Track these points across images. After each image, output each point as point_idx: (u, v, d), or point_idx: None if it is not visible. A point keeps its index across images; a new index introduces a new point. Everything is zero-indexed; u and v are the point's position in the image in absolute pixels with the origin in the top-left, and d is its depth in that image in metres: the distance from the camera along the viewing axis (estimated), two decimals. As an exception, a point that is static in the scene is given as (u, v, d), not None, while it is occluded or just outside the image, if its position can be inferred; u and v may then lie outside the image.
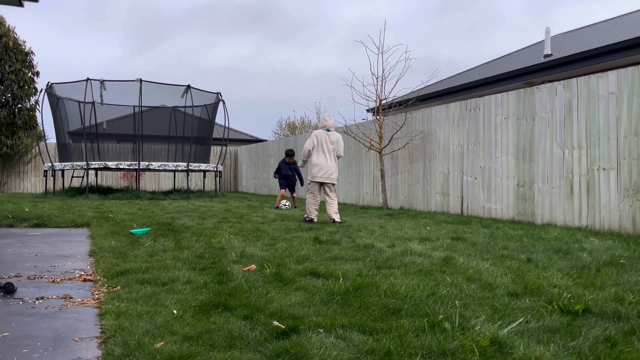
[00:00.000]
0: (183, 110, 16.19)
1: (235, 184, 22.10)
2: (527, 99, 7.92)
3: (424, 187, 10.21)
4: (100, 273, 3.74)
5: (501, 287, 3.31)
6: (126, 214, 8.60)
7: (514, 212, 8.04)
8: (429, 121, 10.08)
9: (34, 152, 18.86)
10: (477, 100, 9.00)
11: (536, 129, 7.72)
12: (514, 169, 8.10)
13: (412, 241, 5.43)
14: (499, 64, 15.93)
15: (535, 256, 4.47)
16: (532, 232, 6.19)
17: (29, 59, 14.95)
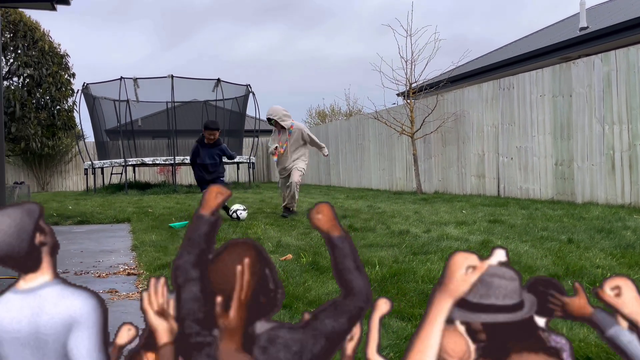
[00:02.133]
0: (214, 104, 16.39)
1: (267, 174, 22.30)
2: (563, 75, 7.67)
3: (458, 170, 10.06)
4: (143, 267, 3.86)
5: (541, 269, 3.25)
6: (164, 208, 8.81)
7: (552, 192, 7.85)
8: (461, 102, 9.90)
9: (74, 151, 19.47)
10: (511, 78, 8.78)
11: (574, 105, 7.48)
12: (551, 147, 7.89)
13: (448, 225, 5.38)
14: (532, 40, 15.46)
15: (577, 236, 4.37)
16: (572, 212, 6.04)
17: (64, 62, 15.39)
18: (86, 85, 15.40)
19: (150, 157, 15.38)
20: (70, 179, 20.30)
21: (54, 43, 15.36)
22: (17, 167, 18.75)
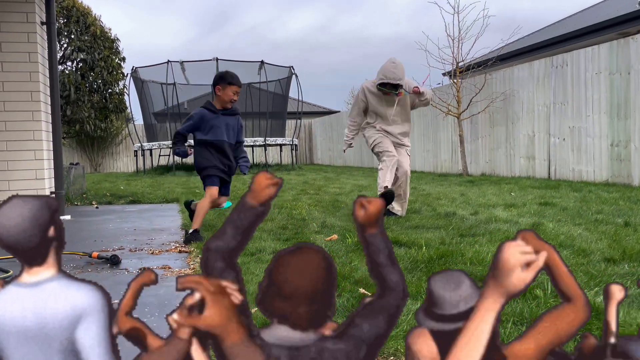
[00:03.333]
0: (258, 86, 16.51)
1: (310, 156, 22.39)
2: (620, 51, 7.29)
3: (506, 151, 9.79)
4: (193, 245, 3.97)
5: (596, 252, 3.14)
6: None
7: (607, 174, 7.53)
8: (510, 81, 9.58)
9: (124, 133, 20.13)
10: (564, 55, 8.41)
11: (632, 83, 7.11)
12: (607, 127, 7.54)
13: (496, 208, 5.26)
14: (587, 15, 14.72)
15: (634, 220, 4.19)
16: (628, 195, 5.78)
17: (115, 46, 15.83)
18: (135, 69, 15.81)
19: (197, 139, 15.69)
20: (120, 161, 21.05)
21: (105, 28, 15.81)
22: (71, 149, 19.58)
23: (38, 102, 5.69)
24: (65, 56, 15.25)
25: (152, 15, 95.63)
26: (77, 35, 15.12)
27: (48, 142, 5.85)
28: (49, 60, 5.77)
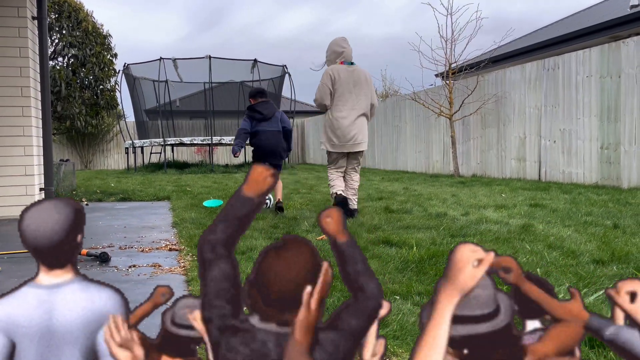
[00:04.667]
0: (251, 84, 16.46)
1: (302, 155, 22.37)
2: (611, 55, 7.35)
3: (498, 152, 9.85)
4: (184, 243, 3.96)
5: (585, 254, 3.17)
6: (202, 187, 8.98)
7: (597, 177, 7.59)
8: (502, 83, 9.63)
9: (115, 130, 19.99)
10: (556, 58, 8.47)
11: (622, 86, 7.17)
12: (597, 130, 7.61)
13: (487, 209, 5.29)
14: (579, 18, 14.83)
15: (623, 222, 4.22)
16: (618, 197, 5.84)
17: (107, 42, 15.73)
18: (127, 65, 15.71)
19: (188, 137, 15.63)
20: (111, 158, 20.90)
21: (97, 24, 15.70)
22: (61, 145, 19.41)
23: (28, 97, 5.63)
24: (57, 52, 15.12)
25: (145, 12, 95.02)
26: (69, 30, 14.99)
27: (38, 138, 5.80)
28: (40, 55, 5.72)
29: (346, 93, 4.85)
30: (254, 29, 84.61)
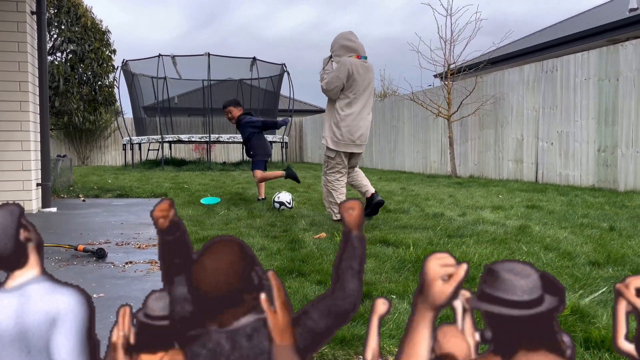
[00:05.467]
0: (249, 82, 16.46)
1: (300, 154, 22.37)
2: (610, 58, 7.37)
3: (495, 154, 9.87)
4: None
5: (581, 256, 3.18)
6: (200, 184, 8.97)
7: (594, 179, 7.62)
8: (501, 85, 9.65)
9: (113, 127, 19.96)
10: (554, 60, 8.49)
11: (620, 89, 7.19)
12: (594, 133, 7.63)
13: (484, 210, 5.30)
14: (578, 21, 14.87)
15: (619, 224, 4.24)
16: (614, 200, 5.85)
17: (106, 38, 15.68)
18: (125, 61, 15.68)
19: (186, 135, 15.62)
20: (109, 154, 20.86)
21: (96, 19, 15.65)
22: (59, 141, 19.37)
23: (26, 92, 5.62)
24: (55, 47, 15.07)
25: (144, 8, 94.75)
26: (68, 26, 14.95)
27: (35, 133, 5.78)
28: (39, 50, 5.70)
29: (361, 90, 4.65)
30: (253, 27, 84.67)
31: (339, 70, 4.56)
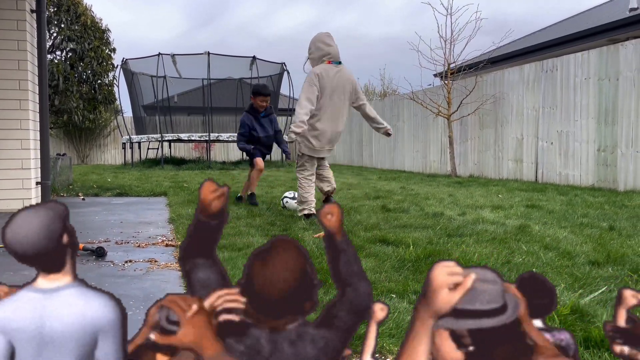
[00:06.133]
0: (249, 81, 16.44)
1: (301, 153, 22.36)
2: (610, 58, 7.37)
3: (495, 153, 9.86)
4: (181, 239, 3.95)
5: (581, 255, 3.18)
6: (199, 183, 8.93)
7: (593, 179, 7.62)
8: (501, 84, 9.65)
9: (112, 125, 19.94)
10: (554, 60, 8.49)
11: (620, 89, 7.19)
12: (594, 132, 7.63)
13: (484, 209, 5.30)
14: (578, 20, 14.86)
15: (619, 224, 4.24)
16: (614, 199, 5.85)
17: (105, 36, 15.66)
18: (125, 60, 15.66)
19: (186, 134, 15.60)
20: (108, 153, 20.85)
21: (96, 18, 15.63)
22: (58, 140, 19.35)
23: (26, 91, 5.61)
24: (55, 45, 15.05)
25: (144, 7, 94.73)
26: (67, 24, 14.93)
27: (35, 132, 5.78)
28: (38, 49, 5.69)
29: (328, 95, 4.61)
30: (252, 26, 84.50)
31: (308, 81, 4.58)
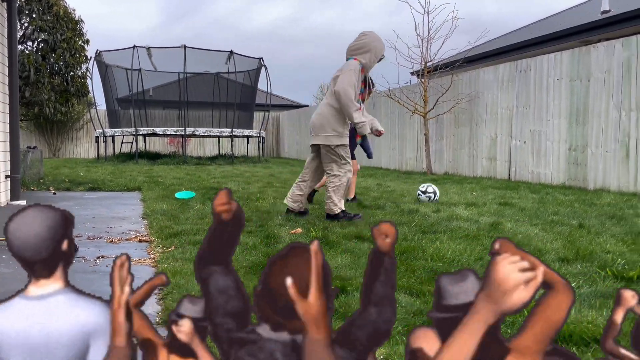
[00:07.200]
0: (226, 76, 16.31)
1: (277, 149, 22.30)
2: (582, 59, 7.54)
3: (469, 151, 10.00)
4: (154, 234, 3.91)
5: (551, 252, 3.25)
6: (174, 178, 8.87)
7: (564, 177, 7.79)
8: (476, 83, 9.78)
9: (86, 118, 19.54)
10: (529, 60, 8.64)
11: (591, 90, 7.36)
12: (566, 132, 7.80)
13: (458, 206, 5.37)
14: (552, 22, 15.15)
15: (588, 222, 4.35)
16: (583, 198, 6.00)
17: (79, 27, 15.31)
18: (99, 52, 15.36)
19: (161, 128, 15.40)
20: (81, 146, 20.43)
21: (69, 8, 15.27)
22: (29, 132, 18.88)
23: (-6, 81, 5.45)
24: (26, 36, 14.66)
25: None
26: (39, 14, 14.55)
27: (4, 124, 5.62)
28: (9, 39, 5.53)
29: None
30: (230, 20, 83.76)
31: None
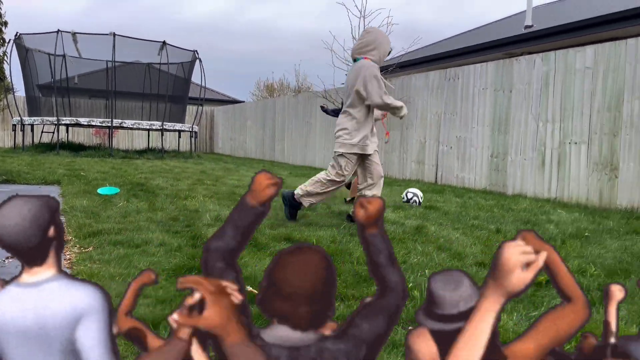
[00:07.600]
0: (158, 67, 15.76)
1: (210, 145, 21.86)
2: (505, 70, 7.95)
3: (400, 154, 10.28)
4: (72, 233, 3.70)
5: (470, 256, 3.40)
6: (98, 172, 8.46)
7: (486, 182, 8.20)
8: (408, 89, 10.06)
9: (2, 105, 18.20)
10: (457, 69, 9.00)
11: (513, 100, 7.79)
12: (488, 139, 8.20)
13: (386, 209, 5.50)
14: (480, 33, 15.89)
15: (504, 227, 4.59)
16: (502, 203, 6.34)
17: (-5, 7, 14.24)
18: (19, 35, 14.36)
19: (86, 118, 14.64)
20: (-5, 134, 19.01)
21: (-16, -15, 14.16)
22: None
23: None
24: None
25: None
26: (-50, -11, 13.39)
27: None
28: None
29: (346, 95, 5.05)
30: (165, 9, 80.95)
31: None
